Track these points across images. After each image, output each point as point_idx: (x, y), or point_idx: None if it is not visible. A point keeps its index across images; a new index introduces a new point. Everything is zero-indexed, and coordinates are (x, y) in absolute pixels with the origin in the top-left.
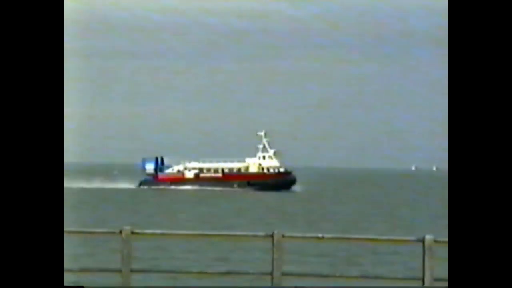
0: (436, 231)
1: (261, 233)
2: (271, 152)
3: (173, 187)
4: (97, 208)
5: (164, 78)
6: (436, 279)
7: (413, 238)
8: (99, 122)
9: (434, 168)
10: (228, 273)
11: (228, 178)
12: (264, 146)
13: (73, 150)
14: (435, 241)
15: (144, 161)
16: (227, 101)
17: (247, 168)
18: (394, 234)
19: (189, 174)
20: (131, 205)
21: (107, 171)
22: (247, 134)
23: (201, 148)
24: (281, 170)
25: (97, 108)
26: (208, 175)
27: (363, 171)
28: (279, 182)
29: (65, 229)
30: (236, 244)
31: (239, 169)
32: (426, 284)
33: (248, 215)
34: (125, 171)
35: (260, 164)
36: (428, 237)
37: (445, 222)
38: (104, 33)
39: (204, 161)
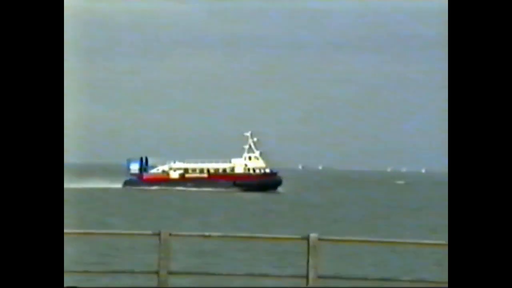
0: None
1: (148, 232)
2: (257, 152)
3: (155, 187)
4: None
5: (149, 77)
6: (320, 277)
7: (297, 236)
8: (85, 122)
9: (320, 167)
10: (113, 271)
11: (214, 179)
12: (250, 146)
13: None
14: (320, 239)
15: (129, 161)
16: (212, 100)
17: (232, 168)
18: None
19: (174, 175)
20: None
21: (91, 171)
22: (233, 134)
23: (187, 148)
24: (267, 171)
25: (84, 107)
26: (193, 175)
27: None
28: (264, 183)
29: None
30: (123, 242)
31: (224, 170)
32: (310, 282)
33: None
34: (110, 172)
35: (246, 165)
36: (312, 235)
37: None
38: (99, 32)
39: (189, 161)
